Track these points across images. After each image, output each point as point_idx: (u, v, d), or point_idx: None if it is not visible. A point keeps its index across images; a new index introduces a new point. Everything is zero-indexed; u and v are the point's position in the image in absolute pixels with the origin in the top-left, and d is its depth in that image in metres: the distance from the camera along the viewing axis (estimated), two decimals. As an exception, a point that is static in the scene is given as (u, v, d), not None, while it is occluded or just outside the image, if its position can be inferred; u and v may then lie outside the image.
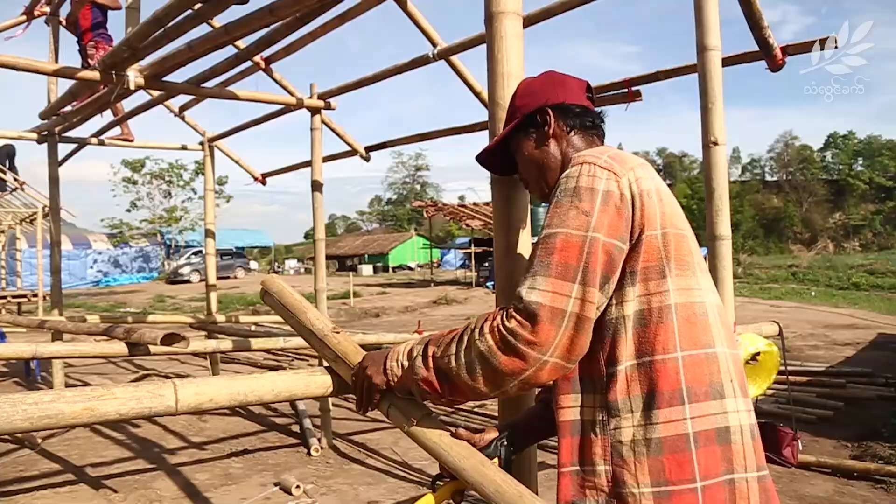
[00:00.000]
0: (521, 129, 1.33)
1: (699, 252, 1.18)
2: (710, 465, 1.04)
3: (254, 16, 3.02)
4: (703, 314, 1.11)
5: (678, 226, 1.13)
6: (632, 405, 1.07)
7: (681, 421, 1.04)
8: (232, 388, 1.24)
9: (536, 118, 1.30)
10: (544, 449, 4.66)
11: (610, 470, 1.07)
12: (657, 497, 1.03)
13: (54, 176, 5.89)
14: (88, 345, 3.49)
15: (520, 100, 1.35)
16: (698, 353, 1.08)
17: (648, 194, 1.10)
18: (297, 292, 1.50)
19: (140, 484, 4.26)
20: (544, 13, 3.70)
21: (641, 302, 1.09)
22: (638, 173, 1.12)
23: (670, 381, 1.05)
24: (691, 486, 1.02)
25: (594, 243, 1.05)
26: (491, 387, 1.08)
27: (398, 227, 62.66)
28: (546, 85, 1.34)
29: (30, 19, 5.77)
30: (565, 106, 1.30)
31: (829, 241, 50.32)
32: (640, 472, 1.04)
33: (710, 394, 1.06)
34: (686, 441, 1.03)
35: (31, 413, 1.04)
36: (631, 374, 1.08)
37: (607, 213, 1.07)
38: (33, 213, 12.63)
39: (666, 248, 1.10)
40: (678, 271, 1.10)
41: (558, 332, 1.03)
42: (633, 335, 1.09)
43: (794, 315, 13.14)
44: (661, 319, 1.07)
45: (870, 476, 4.11)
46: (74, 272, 29.04)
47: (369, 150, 6.15)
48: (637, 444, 1.05)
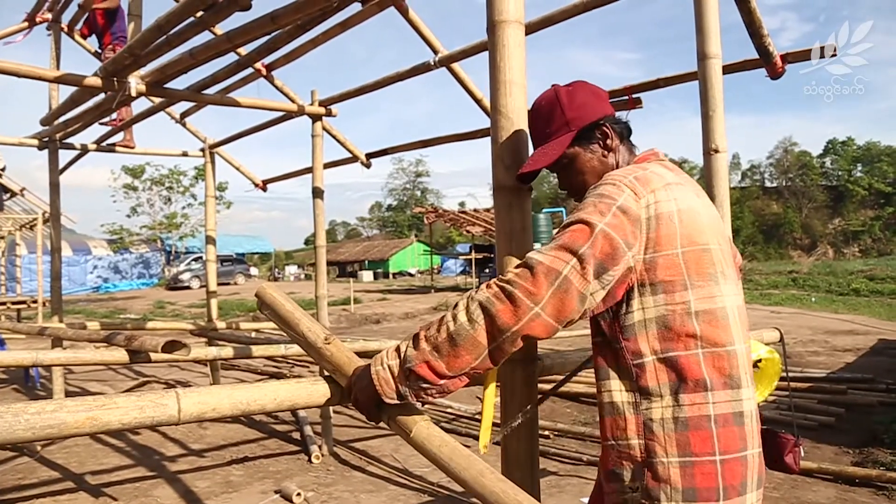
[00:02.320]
0: (579, 142, 1.43)
1: (723, 260, 1.31)
2: (729, 443, 1.19)
3: (255, 23, 3.03)
4: (724, 318, 1.25)
5: (699, 242, 1.26)
6: (661, 390, 1.21)
7: (704, 405, 1.19)
8: (234, 397, 1.24)
9: (594, 132, 1.42)
10: (546, 456, 4.65)
11: (643, 443, 1.22)
12: (683, 466, 1.18)
13: (55, 182, 5.89)
14: (89, 352, 3.48)
15: (570, 114, 1.42)
16: (719, 351, 1.22)
17: (669, 216, 1.24)
18: (290, 301, 1.48)
19: (140, 492, 4.25)
20: (545, 21, 3.71)
21: (665, 309, 1.22)
22: (658, 196, 1.25)
23: (694, 373, 1.20)
24: (712, 459, 1.18)
25: (602, 234, 1.18)
26: (489, 339, 1.16)
27: (398, 233, 62.68)
28: (593, 98, 1.45)
29: (31, 26, 5.79)
30: (614, 118, 1.45)
31: (828, 246, 50.30)
32: (669, 446, 1.19)
33: (728, 384, 1.22)
34: (708, 421, 1.19)
35: (34, 423, 1.04)
36: (659, 366, 1.22)
37: (618, 218, 1.21)
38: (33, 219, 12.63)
39: (687, 265, 1.23)
40: (700, 283, 1.24)
41: (550, 289, 1.15)
42: (657, 335, 1.22)
43: (794, 321, 13.13)
44: (683, 324, 1.22)
45: (871, 482, 4.09)
46: (74, 278, 29.03)
47: (370, 156, 6.15)
48: (666, 422, 1.20)
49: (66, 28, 6.13)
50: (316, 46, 4.48)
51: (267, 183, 7.20)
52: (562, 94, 1.45)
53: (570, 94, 1.44)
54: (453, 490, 4.08)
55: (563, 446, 4.95)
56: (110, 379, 8.57)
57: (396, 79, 4.77)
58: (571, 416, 5.98)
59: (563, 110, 1.43)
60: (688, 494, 1.17)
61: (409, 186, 70.38)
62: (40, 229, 12.00)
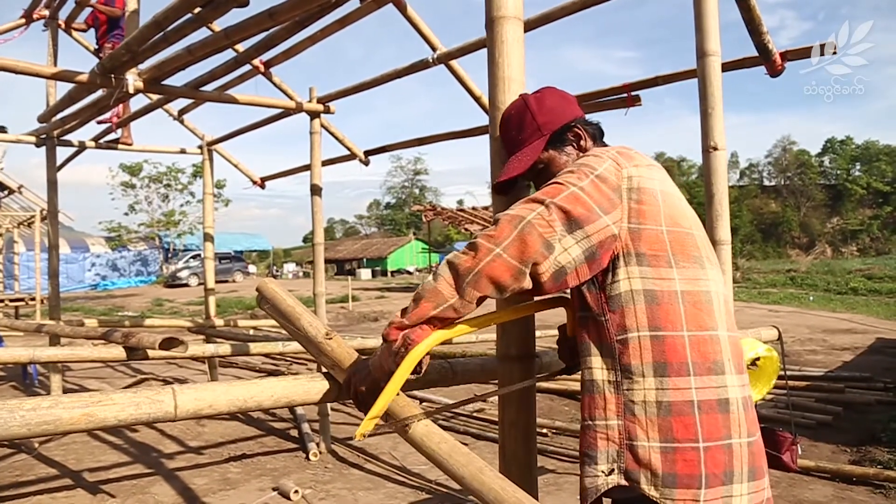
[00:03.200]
0: (552, 145, 1.44)
1: (707, 246, 1.32)
2: (712, 430, 1.17)
3: (253, 20, 3.02)
4: (709, 301, 1.25)
5: (682, 225, 1.27)
6: (644, 370, 1.19)
7: (687, 389, 1.18)
8: (231, 394, 1.23)
9: (566, 134, 1.43)
10: (544, 454, 4.65)
11: (623, 424, 1.20)
12: (664, 451, 1.16)
13: (52, 179, 5.88)
14: (86, 349, 3.47)
15: (541, 118, 1.42)
16: (703, 335, 1.21)
17: (652, 193, 1.25)
18: (291, 297, 1.49)
19: (137, 489, 4.24)
20: (543, 18, 3.71)
21: (652, 283, 1.22)
22: (641, 172, 1.26)
23: (678, 355, 1.19)
24: (694, 446, 1.16)
25: (573, 193, 1.20)
26: (451, 286, 1.17)
27: (397, 231, 62.61)
28: (562, 102, 1.46)
29: (28, 22, 5.78)
30: (585, 120, 1.46)
31: (827, 245, 50.39)
32: (651, 430, 1.17)
33: (712, 369, 1.20)
34: (691, 407, 1.17)
35: (29, 419, 1.03)
36: (643, 344, 1.20)
37: (595, 185, 1.22)
38: (31, 216, 12.63)
39: (671, 244, 1.24)
40: (685, 264, 1.24)
41: (514, 231, 1.15)
42: (645, 310, 1.21)
43: (792, 320, 13.14)
44: (669, 301, 1.21)
45: (869, 481, 4.10)
46: (73, 275, 28.97)
47: (368, 154, 6.15)
48: (648, 405, 1.18)
49: (63, 25, 6.12)
50: (314, 43, 4.47)
51: (265, 180, 7.20)
52: (530, 101, 1.45)
53: (539, 100, 1.45)
54: (451, 487, 4.08)
55: (561, 444, 4.95)
56: (109, 376, 8.56)
57: (395, 76, 4.77)
58: (569, 414, 5.98)
59: (534, 116, 1.43)
60: (668, 480, 1.15)
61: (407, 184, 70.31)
62: (38, 227, 11.98)
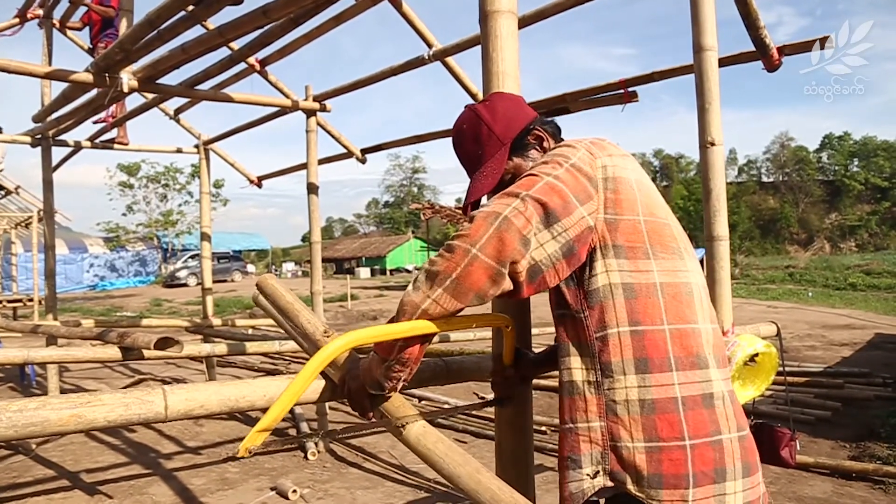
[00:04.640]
0: (515, 153, 1.36)
1: (684, 237, 1.28)
2: (698, 426, 1.12)
3: (247, 17, 3.00)
4: (689, 293, 1.20)
5: (658, 215, 1.23)
6: (624, 367, 1.14)
7: (670, 385, 1.13)
8: (222, 394, 1.22)
9: (527, 139, 1.37)
10: (541, 452, 4.64)
11: (605, 426, 1.15)
12: (649, 451, 1.11)
13: (48, 180, 5.85)
14: (82, 349, 3.46)
15: (498, 128, 1.35)
16: (684, 328, 1.17)
17: (628, 183, 1.21)
18: (291, 293, 1.48)
19: (135, 489, 4.23)
20: (538, 14, 3.69)
21: (630, 277, 1.17)
22: (615, 161, 1.22)
23: (659, 350, 1.14)
24: (681, 444, 1.11)
25: (549, 183, 1.15)
26: (427, 293, 1.13)
27: (395, 229, 62.55)
28: (514, 106, 1.39)
29: (23, 22, 5.75)
30: (542, 120, 1.40)
31: (825, 241, 50.41)
32: (635, 430, 1.12)
33: (695, 363, 1.16)
34: (675, 404, 1.12)
35: (16, 421, 1.02)
36: (623, 340, 1.15)
37: (570, 174, 1.17)
38: (28, 217, 12.59)
39: (649, 234, 1.19)
40: (663, 255, 1.20)
41: (489, 229, 1.09)
42: (624, 304, 1.16)
43: (791, 316, 13.15)
44: (648, 295, 1.16)
45: (868, 476, 4.10)
46: (71, 276, 28.92)
47: (365, 152, 6.13)
48: (631, 404, 1.13)
49: (57, 24, 6.10)
50: (309, 41, 4.45)
51: (262, 179, 7.18)
52: (481, 111, 1.37)
53: (490, 108, 1.37)
54: (449, 486, 4.07)
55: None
56: (107, 377, 8.54)
57: (391, 73, 4.75)
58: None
59: (490, 127, 1.34)
60: (653, 481, 1.10)
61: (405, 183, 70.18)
62: (35, 227, 11.96)
